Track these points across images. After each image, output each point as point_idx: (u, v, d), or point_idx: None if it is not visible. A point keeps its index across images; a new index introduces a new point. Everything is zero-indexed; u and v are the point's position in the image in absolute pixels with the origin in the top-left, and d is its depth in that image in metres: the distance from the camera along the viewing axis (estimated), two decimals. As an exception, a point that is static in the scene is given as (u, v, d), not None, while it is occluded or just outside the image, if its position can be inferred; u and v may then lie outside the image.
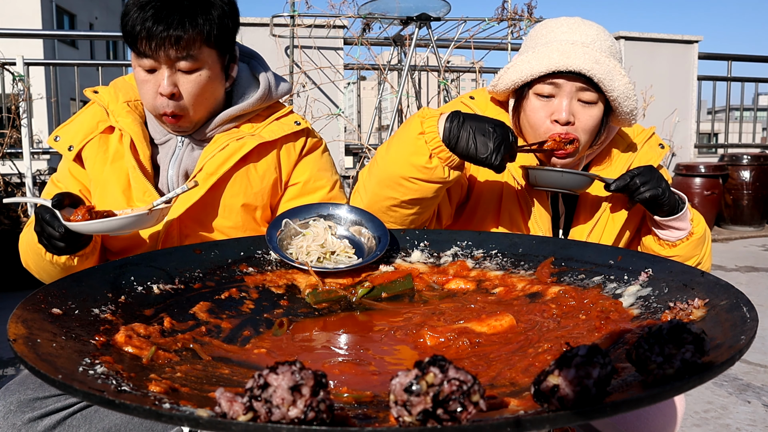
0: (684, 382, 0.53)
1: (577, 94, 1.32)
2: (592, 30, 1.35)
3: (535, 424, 0.47)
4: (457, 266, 1.14)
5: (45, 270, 1.29)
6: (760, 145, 7.64)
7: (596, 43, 1.33)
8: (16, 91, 4.54)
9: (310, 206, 1.24)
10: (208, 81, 1.32)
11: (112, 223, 1.10)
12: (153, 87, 1.29)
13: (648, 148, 1.49)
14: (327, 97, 5.09)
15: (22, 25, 14.55)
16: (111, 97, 1.43)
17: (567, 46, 1.31)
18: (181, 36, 1.23)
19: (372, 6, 4.64)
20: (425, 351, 0.85)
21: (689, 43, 6.29)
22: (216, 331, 0.90)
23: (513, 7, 5.04)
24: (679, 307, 0.79)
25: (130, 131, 1.36)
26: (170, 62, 1.26)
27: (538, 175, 1.34)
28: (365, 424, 0.58)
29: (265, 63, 1.52)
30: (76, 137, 1.39)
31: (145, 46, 1.24)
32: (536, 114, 1.35)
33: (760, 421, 2.28)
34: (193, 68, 1.28)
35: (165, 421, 0.50)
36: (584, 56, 1.29)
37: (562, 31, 1.35)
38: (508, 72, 1.38)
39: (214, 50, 1.31)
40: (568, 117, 1.31)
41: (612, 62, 1.31)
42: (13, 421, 1.14)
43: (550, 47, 1.32)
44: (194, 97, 1.31)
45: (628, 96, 1.32)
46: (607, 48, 1.34)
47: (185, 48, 1.25)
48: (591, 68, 1.28)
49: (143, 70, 1.29)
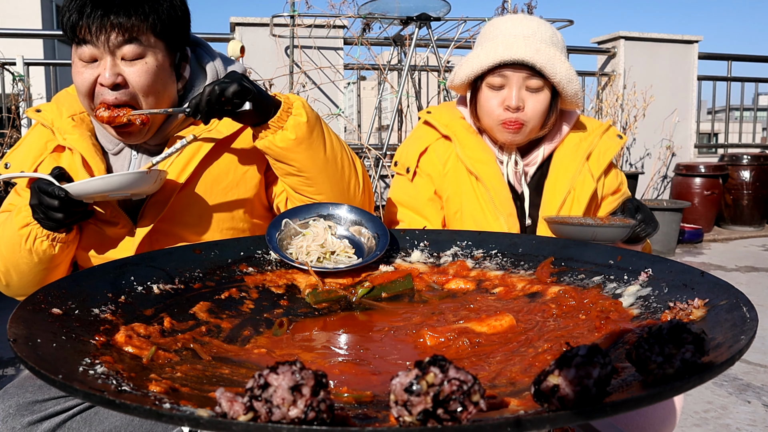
0: (684, 382, 0.53)
1: (525, 83, 1.46)
2: (532, 23, 1.49)
3: (535, 424, 0.47)
4: (457, 266, 1.14)
5: (17, 264, 1.25)
6: (760, 145, 7.63)
7: (537, 34, 1.46)
8: (16, 91, 4.54)
9: (310, 206, 1.24)
10: (157, 71, 1.23)
11: (111, 180, 1.10)
12: (91, 78, 1.21)
13: (607, 138, 1.60)
14: (327, 97, 5.09)
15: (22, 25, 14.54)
16: (54, 114, 1.35)
17: (510, 39, 1.45)
18: (123, 20, 1.17)
19: (372, 6, 4.64)
20: (425, 351, 0.85)
21: (689, 43, 6.29)
22: (216, 331, 0.90)
23: (513, 7, 5.04)
24: (679, 307, 0.79)
25: (79, 148, 1.29)
26: (112, 49, 1.19)
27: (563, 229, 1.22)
28: (365, 424, 0.58)
29: (211, 50, 1.44)
30: (26, 162, 1.33)
31: (84, 32, 1.17)
32: (489, 103, 1.49)
33: (760, 421, 2.28)
34: (137, 55, 1.21)
35: (165, 421, 0.50)
36: (525, 47, 1.43)
37: (506, 26, 1.49)
38: (461, 68, 1.52)
39: (161, 41, 1.24)
40: (518, 103, 1.45)
41: (552, 50, 1.45)
42: (13, 424, 1.14)
43: (496, 41, 1.47)
44: (141, 86, 1.22)
45: (570, 80, 1.47)
46: (547, 38, 1.47)
47: (128, 30, 1.18)
48: (532, 57, 1.42)
49: (82, 63, 1.21)
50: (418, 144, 1.61)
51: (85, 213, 1.21)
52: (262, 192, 1.40)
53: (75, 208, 1.16)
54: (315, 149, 1.25)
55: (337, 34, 5.11)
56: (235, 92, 1.15)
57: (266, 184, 1.41)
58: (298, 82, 4.88)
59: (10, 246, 1.24)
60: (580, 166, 1.53)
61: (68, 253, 1.27)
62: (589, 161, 1.55)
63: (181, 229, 1.31)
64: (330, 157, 1.28)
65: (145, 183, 1.14)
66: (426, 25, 4.61)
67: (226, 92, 1.15)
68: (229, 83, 1.15)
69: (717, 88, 6.71)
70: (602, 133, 1.60)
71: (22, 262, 1.24)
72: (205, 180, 1.32)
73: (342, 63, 5.18)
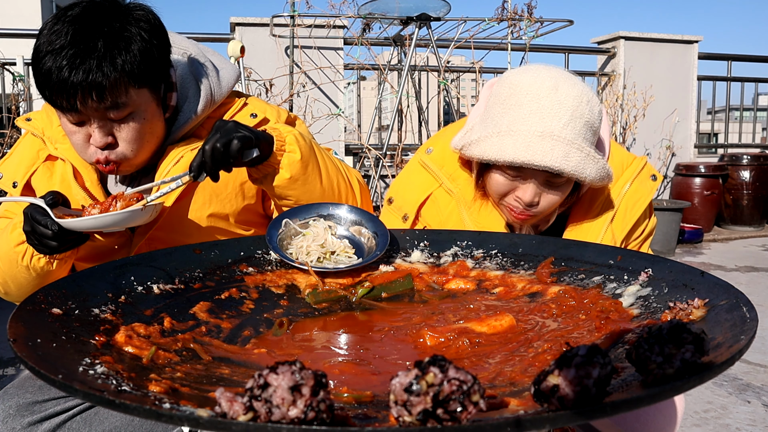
0: (684, 382, 0.53)
1: (544, 178, 1.23)
2: (564, 109, 1.19)
3: (535, 423, 0.47)
4: (457, 266, 1.14)
5: (15, 278, 1.23)
6: (760, 145, 7.64)
7: (569, 126, 1.19)
8: (16, 91, 4.54)
9: (310, 206, 1.24)
10: (145, 123, 1.20)
11: (105, 219, 1.09)
12: (83, 138, 1.18)
13: (638, 183, 1.37)
14: (327, 97, 5.09)
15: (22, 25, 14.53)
16: (45, 123, 1.33)
17: (534, 139, 1.18)
18: (102, 84, 1.10)
19: (372, 6, 4.64)
20: (425, 351, 0.85)
21: (689, 43, 6.29)
22: (216, 331, 0.90)
23: (513, 7, 5.04)
24: (679, 307, 0.79)
25: (70, 158, 1.27)
26: (98, 114, 1.15)
27: None
28: (365, 424, 0.58)
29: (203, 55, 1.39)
30: (18, 172, 1.31)
31: (66, 103, 1.12)
32: (499, 187, 1.28)
33: (760, 421, 2.28)
34: (124, 115, 1.16)
35: (165, 421, 0.50)
36: (552, 151, 1.17)
37: (531, 118, 1.20)
38: (470, 147, 1.28)
39: (144, 88, 1.18)
40: (533, 199, 1.25)
41: (585, 149, 1.19)
42: (13, 425, 1.14)
43: (516, 137, 1.19)
44: (132, 143, 1.19)
45: (603, 177, 1.23)
46: (581, 128, 1.21)
47: (111, 97, 1.12)
48: (560, 165, 1.17)
49: (71, 123, 1.17)
50: (417, 191, 1.41)
51: (80, 238, 1.17)
52: (259, 202, 1.40)
53: (69, 236, 1.13)
54: (311, 183, 1.23)
55: (337, 34, 5.11)
56: (239, 148, 1.09)
57: (263, 196, 1.40)
58: (298, 82, 4.88)
59: (6, 261, 1.22)
60: (600, 233, 1.32)
61: (67, 266, 1.25)
62: (613, 223, 1.34)
63: (179, 238, 1.29)
64: (327, 186, 1.26)
65: (140, 218, 1.13)
66: (426, 25, 4.62)
67: (231, 152, 1.08)
68: (229, 140, 1.08)
69: (717, 88, 6.72)
70: (633, 179, 1.37)
71: (20, 276, 1.22)
72: (204, 190, 1.31)
73: (342, 63, 5.18)
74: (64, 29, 1.11)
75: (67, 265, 1.25)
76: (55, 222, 1.09)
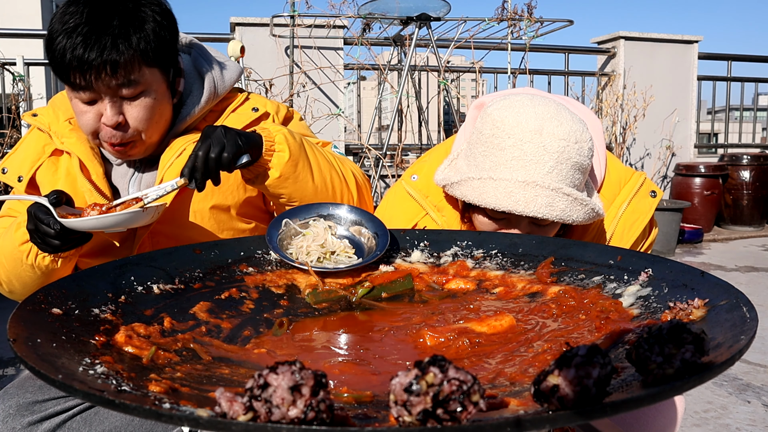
0: (684, 382, 0.53)
1: (530, 221, 1.23)
2: (549, 155, 1.15)
3: (535, 423, 0.47)
4: (457, 266, 1.14)
5: (19, 276, 1.24)
6: (760, 145, 7.64)
7: (553, 173, 1.15)
8: (16, 91, 4.54)
9: (310, 206, 1.24)
10: (155, 103, 1.22)
11: (107, 220, 1.10)
12: (94, 117, 1.20)
13: (637, 201, 1.32)
14: (327, 97, 5.09)
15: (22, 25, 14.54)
16: (51, 118, 1.34)
17: (516, 187, 1.14)
18: (117, 61, 1.13)
19: (372, 6, 4.64)
20: (425, 351, 0.85)
21: (689, 43, 6.29)
22: (216, 331, 0.90)
23: (513, 7, 5.05)
24: (679, 307, 0.79)
25: (77, 152, 1.28)
26: (111, 91, 1.17)
27: None
28: (365, 424, 0.58)
29: (206, 52, 1.41)
30: (24, 167, 1.32)
31: (79, 79, 1.14)
32: (484, 227, 1.27)
33: (759, 421, 2.28)
34: (136, 93, 1.19)
35: (165, 421, 0.50)
36: (536, 200, 1.14)
37: (513, 162, 1.16)
38: (452, 187, 1.25)
39: (155, 68, 1.21)
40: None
41: (572, 194, 1.15)
42: (13, 425, 1.14)
43: (497, 184, 1.16)
44: (143, 122, 1.22)
45: (591, 218, 1.20)
46: (567, 172, 1.16)
47: (124, 74, 1.15)
48: (544, 213, 1.15)
49: (82, 102, 1.19)
50: (403, 219, 1.39)
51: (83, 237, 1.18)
52: (260, 195, 1.40)
53: (72, 235, 1.14)
54: (303, 180, 1.24)
55: (337, 34, 5.11)
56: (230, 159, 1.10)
57: None
58: (298, 82, 4.88)
59: (11, 260, 1.23)
60: None
61: (71, 264, 1.26)
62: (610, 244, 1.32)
63: (181, 231, 1.31)
64: (319, 183, 1.27)
65: (142, 219, 1.14)
66: (426, 25, 4.62)
67: (223, 161, 1.10)
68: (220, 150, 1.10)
69: (717, 88, 6.72)
70: (630, 198, 1.32)
71: (24, 274, 1.23)
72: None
73: (342, 63, 5.18)
74: (79, 9, 1.14)
75: (72, 263, 1.25)
76: (57, 221, 1.10)
